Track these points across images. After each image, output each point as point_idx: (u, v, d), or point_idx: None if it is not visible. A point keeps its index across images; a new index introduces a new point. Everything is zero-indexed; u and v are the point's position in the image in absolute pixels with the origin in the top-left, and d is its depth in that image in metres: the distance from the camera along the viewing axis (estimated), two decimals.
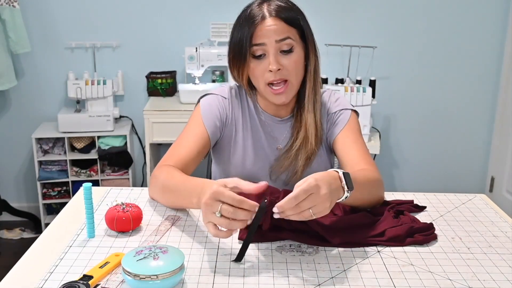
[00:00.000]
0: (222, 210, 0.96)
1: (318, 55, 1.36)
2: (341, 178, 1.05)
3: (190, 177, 1.19)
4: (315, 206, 0.98)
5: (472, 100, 3.15)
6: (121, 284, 0.93)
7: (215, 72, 3.02)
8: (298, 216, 0.98)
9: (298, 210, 0.97)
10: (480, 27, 3.02)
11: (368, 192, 1.21)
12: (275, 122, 1.42)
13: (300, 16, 1.31)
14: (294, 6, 1.33)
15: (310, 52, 1.33)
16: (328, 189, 0.99)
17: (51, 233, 1.14)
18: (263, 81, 1.31)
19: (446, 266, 1.02)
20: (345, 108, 1.42)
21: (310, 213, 0.98)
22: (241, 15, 1.32)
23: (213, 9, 2.97)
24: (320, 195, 0.98)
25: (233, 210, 0.96)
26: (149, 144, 2.80)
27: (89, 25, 2.98)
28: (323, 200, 0.98)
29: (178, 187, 1.17)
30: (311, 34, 1.34)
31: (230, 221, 0.96)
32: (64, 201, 2.94)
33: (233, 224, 0.97)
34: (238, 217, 0.96)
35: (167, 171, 1.24)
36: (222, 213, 0.96)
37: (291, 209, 0.97)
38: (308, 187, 0.97)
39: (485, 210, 1.30)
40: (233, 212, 0.96)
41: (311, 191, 0.97)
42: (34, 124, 3.02)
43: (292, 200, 0.97)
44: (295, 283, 0.94)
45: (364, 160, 1.32)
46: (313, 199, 0.97)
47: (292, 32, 1.29)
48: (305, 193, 0.97)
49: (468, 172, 3.27)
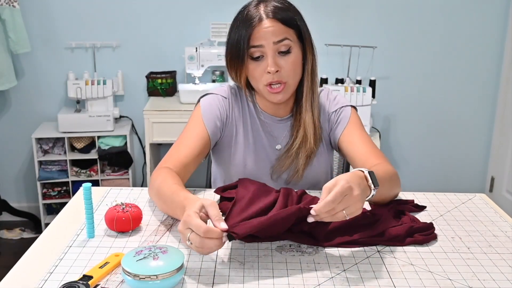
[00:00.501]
0: (190, 239, 0.95)
1: (316, 54, 1.36)
2: (367, 178, 1.06)
3: (178, 188, 1.15)
4: (348, 207, 0.99)
5: (472, 100, 3.15)
6: (121, 284, 0.93)
7: (215, 72, 3.02)
8: (332, 218, 0.99)
9: (333, 212, 0.98)
10: (480, 27, 3.02)
11: (390, 187, 1.23)
12: (274, 122, 1.42)
13: (297, 16, 1.31)
14: (291, 6, 1.33)
15: (308, 51, 1.33)
16: (359, 189, 1.01)
17: (51, 233, 1.14)
18: (262, 82, 1.31)
19: (446, 266, 1.02)
20: (344, 106, 1.43)
21: (343, 214, 0.99)
22: (238, 16, 1.32)
23: (213, 9, 2.97)
24: (353, 196, 0.99)
25: (199, 240, 0.94)
26: (149, 144, 2.80)
27: (89, 25, 2.98)
28: (356, 201, 1.00)
29: (168, 197, 1.16)
30: (308, 34, 1.34)
31: (199, 248, 0.96)
32: (64, 201, 2.94)
33: (204, 251, 0.96)
34: (205, 246, 0.95)
35: (163, 177, 1.22)
36: (191, 241, 0.96)
37: (327, 212, 0.98)
38: (342, 189, 0.98)
39: (485, 209, 1.30)
40: (199, 241, 0.94)
41: (345, 193, 0.98)
42: (34, 124, 3.02)
43: (330, 204, 0.97)
44: (295, 283, 0.94)
45: (374, 154, 1.33)
46: (347, 200, 0.99)
47: (290, 33, 1.29)
48: (341, 195, 0.98)
49: (468, 172, 3.28)
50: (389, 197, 1.26)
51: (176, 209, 1.10)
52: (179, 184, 1.19)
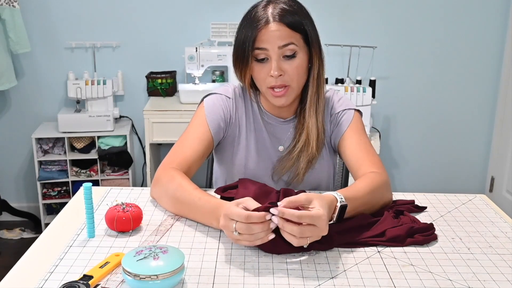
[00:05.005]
0: (237, 229, 0.98)
1: (323, 59, 1.35)
2: (336, 210, 1.07)
3: (205, 193, 1.16)
4: (313, 237, 1.00)
5: (472, 100, 3.15)
6: (121, 284, 0.93)
7: (215, 72, 3.02)
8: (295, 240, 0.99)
9: (299, 235, 0.98)
10: (480, 27, 3.02)
11: (369, 203, 1.20)
12: (278, 123, 1.41)
13: (305, 20, 1.29)
14: (300, 8, 1.30)
15: (314, 56, 1.31)
16: (327, 221, 1.01)
17: (51, 233, 1.14)
18: (265, 84, 1.30)
19: (446, 267, 1.02)
20: (348, 108, 1.41)
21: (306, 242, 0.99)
22: (246, 15, 1.30)
23: (213, 9, 2.97)
24: (321, 229, 1.00)
25: (246, 227, 0.98)
26: (149, 144, 2.80)
27: (89, 25, 2.98)
28: (320, 234, 1.01)
29: (194, 203, 1.16)
30: (316, 38, 1.31)
31: (249, 236, 0.98)
32: (64, 201, 2.94)
33: (254, 239, 0.99)
34: (254, 232, 0.98)
35: (179, 182, 1.21)
36: (238, 231, 0.99)
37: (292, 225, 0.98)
38: (316, 216, 0.98)
39: (485, 210, 1.30)
40: (246, 228, 0.98)
41: (315, 223, 0.98)
42: (34, 124, 3.02)
43: (295, 217, 0.97)
44: (295, 283, 0.94)
45: (369, 161, 1.31)
46: (314, 230, 0.99)
47: (296, 37, 1.27)
48: (310, 220, 0.98)
49: (468, 172, 3.27)
50: (373, 209, 1.22)
51: (210, 217, 1.11)
52: (200, 190, 1.19)
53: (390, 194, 1.29)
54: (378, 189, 1.22)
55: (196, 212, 1.16)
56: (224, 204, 1.07)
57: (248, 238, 0.99)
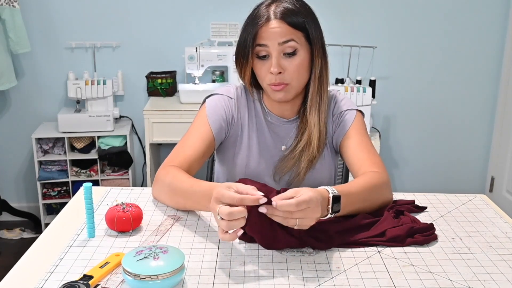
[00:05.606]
0: (219, 212, 0.96)
1: (327, 59, 1.35)
2: (329, 201, 1.07)
3: (198, 180, 1.18)
4: (303, 219, 0.99)
5: (472, 100, 3.15)
6: (121, 284, 0.93)
7: (215, 72, 3.02)
8: (283, 221, 0.99)
9: (289, 215, 0.98)
10: (480, 27, 3.02)
11: (367, 199, 1.20)
12: (281, 123, 1.41)
13: (307, 19, 1.29)
14: (304, 8, 1.30)
15: (316, 55, 1.32)
16: (320, 209, 1.02)
17: (51, 233, 1.14)
18: (265, 81, 1.31)
19: (446, 267, 1.02)
20: (350, 109, 1.41)
21: (295, 223, 0.99)
22: (250, 14, 1.32)
23: (213, 9, 2.97)
24: (313, 211, 1.00)
25: (228, 211, 0.95)
26: (149, 144, 2.80)
27: (89, 25, 2.99)
28: (311, 217, 1.01)
29: (187, 190, 1.17)
30: (318, 38, 1.31)
31: (227, 222, 0.95)
32: (64, 201, 2.94)
33: (231, 225, 0.96)
34: (235, 217, 0.95)
35: (173, 174, 1.23)
36: (220, 215, 0.96)
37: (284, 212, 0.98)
38: (309, 200, 0.98)
39: (485, 210, 1.30)
40: (228, 213, 0.95)
41: (309, 206, 0.99)
42: (34, 124, 3.02)
43: (293, 206, 0.97)
44: (295, 283, 0.94)
45: (370, 161, 1.31)
46: (306, 212, 0.99)
47: (297, 35, 1.27)
48: (305, 205, 0.98)
49: (468, 172, 3.28)
50: (370, 208, 1.21)
51: (200, 199, 1.11)
52: (194, 178, 1.20)
53: (390, 194, 1.29)
54: (375, 187, 1.22)
55: (190, 199, 1.17)
56: (215, 186, 1.04)
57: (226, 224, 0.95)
